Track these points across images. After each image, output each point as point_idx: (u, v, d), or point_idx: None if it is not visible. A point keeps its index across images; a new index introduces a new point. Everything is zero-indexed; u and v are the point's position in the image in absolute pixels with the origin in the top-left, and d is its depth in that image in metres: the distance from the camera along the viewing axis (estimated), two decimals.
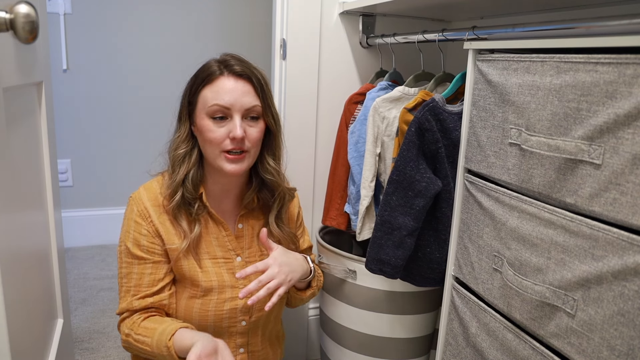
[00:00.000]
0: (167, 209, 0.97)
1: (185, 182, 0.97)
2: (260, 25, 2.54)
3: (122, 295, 0.99)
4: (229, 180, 1.01)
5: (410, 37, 1.23)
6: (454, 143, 1.03)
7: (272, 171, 1.02)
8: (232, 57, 0.97)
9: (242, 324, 1.04)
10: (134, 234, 0.97)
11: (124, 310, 0.98)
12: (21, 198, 0.81)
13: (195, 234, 0.98)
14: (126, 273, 0.98)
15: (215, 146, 0.93)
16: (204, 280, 0.99)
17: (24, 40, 0.63)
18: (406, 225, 1.05)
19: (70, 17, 2.27)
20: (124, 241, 0.98)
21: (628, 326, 0.62)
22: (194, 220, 0.99)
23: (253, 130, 0.95)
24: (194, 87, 0.96)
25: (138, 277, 0.98)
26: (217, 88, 0.93)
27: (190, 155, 0.98)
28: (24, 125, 0.86)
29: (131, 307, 0.97)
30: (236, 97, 0.92)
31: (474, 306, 0.92)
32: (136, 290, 0.98)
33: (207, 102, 0.93)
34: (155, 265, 0.98)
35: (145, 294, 0.97)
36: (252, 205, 1.06)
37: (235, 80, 0.93)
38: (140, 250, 0.97)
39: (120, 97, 2.43)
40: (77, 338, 1.69)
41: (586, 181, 0.67)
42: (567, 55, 0.69)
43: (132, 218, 0.98)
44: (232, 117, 0.92)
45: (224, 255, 1.02)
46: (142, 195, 0.99)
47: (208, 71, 0.94)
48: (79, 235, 2.45)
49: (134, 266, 0.98)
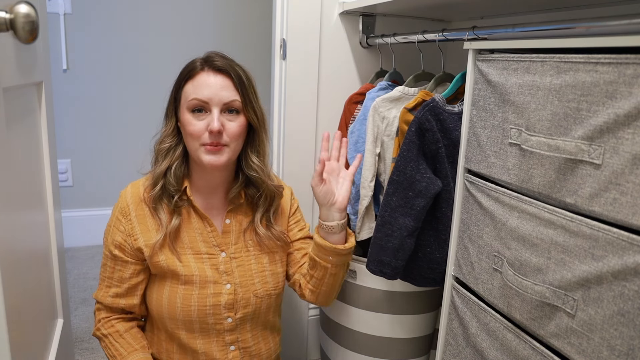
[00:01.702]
0: (147, 199, 1.00)
1: (167, 175, 0.99)
2: (260, 25, 2.54)
3: (100, 281, 1.05)
4: (213, 175, 1.02)
5: (410, 37, 1.23)
6: (454, 143, 1.03)
7: (256, 168, 1.03)
8: (216, 54, 0.99)
9: (228, 320, 1.03)
10: (113, 229, 1.02)
11: (98, 299, 1.05)
12: (21, 198, 0.81)
13: (173, 226, 0.99)
14: (103, 263, 1.04)
15: (195, 139, 0.96)
16: (184, 273, 1.00)
17: (24, 40, 0.63)
18: (406, 226, 1.05)
19: (70, 17, 2.27)
20: (105, 234, 1.04)
21: (628, 326, 0.62)
22: (173, 212, 1.00)
23: (232, 124, 0.96)
24: (178, 84, 1.00)
25: (110, 270, 1.03)
26: (197, 83, 0.96)
27: (175, 150, 1.01)
28: (24, 125, 0.86)
29: (105, 301, 1.03)
30: (215, 91, 0.94)
31: (474, 306, 0.92)
32: (109, 282, 1.03)
33: (188, 97, 0.96)
34: (123, 264, 1.01)
35: (115, 291, 1.02)
36: (239, 201, 1.06)
37: (214, 74, 0.96)
38: (114, 247, 1.01)
39: (120, 97, 2.43)
40: (77, 338, 1.69)
41: (586, 181, 0.67)
42: (567, 55, 0.69)
43: (115, 214, 1.03)
44: (210, 111, 0.95)
45: (208, 251, 1.03)
46: (127, 192, 1.03)
47: (190, 67, 0.98)
48: (79, 235, 2.45)
49: (108, 259, 1.03)
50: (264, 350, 1.11)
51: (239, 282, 1.03)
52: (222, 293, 1.02)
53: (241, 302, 1.04)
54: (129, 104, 2.45)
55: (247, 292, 1.04)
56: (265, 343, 1.12)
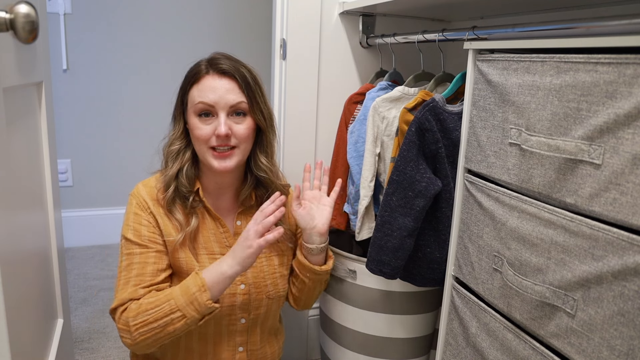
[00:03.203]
0: (161, 201, 0.99)
1: (179, 176, 0.99)
2: (260, 25, 2.54)
3: (120, 287, 0.94)
4: (222, 177, 1.03)
5: (410, 37, 1.23)
6: (454, 143, 1.03)
7: (265, 168, 1.04)
8: (222, 55, 0.99)
9: (242, 321, 1.04)
10: (133, 224, 0.98)
11: (126, 300, 0.92)
12: (21, 198, 0.81)
13: (193, 226, 0.99)
14: (126, 265, 0.95)
15: (203, 143, 0.96)
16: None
17: (24, 40, 0.63)
18: (406, 226, 1.05)
19: (70, 17, 2.27)
20: (124, 234, 0.99)
21: (628, 326, 0.62)
22: (190, 213, 1.00)
23: (240, 127, 0.97)
24: (184, 88, 1.00)
25: (141, 267, 0.94)
26: (202, 87, 0.96)
27: (184, 152, 1.01)
28: (24, 125, 0.86)
29: (135, 295, 0.92)
30: (220, 95, 0.95)
31: (474, 306, 0.92)
32: (139, 279, 0.93)
33: (194, 101, 0.96)
34: (158, 255, 0.97)
35: (150, 282, 0.94)
36: (250, 203, 1.07)
37: (219, 78, 0.96)
38: (142, 240, 0.97)
39: (120, 97, 2.43)
40: (77, 338, 1.69)
41: (586, 181, 0.67)
42: (567, 55, 0.69)
43: (132, 211, 0.99)
44: (217, 114, 0.95)
45: (222, 252, 1.03)
46: (140, 190, 1.02)
47: (195, 70, 0.98)
48: (79, 235, 2.45)
49: (135, 256, 0.95)
50: (268, 353, 1.12)
51: (252, 283, 1.04)
52: (237, 293, 1.02)
53: (254, 302, 1.05)
54: (129, 104, 2.45)
55: (260, 293, 1.05)
56: (271, 347, 1.13)
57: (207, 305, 0.89)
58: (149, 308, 0.89)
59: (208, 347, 1.03)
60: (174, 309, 0.88)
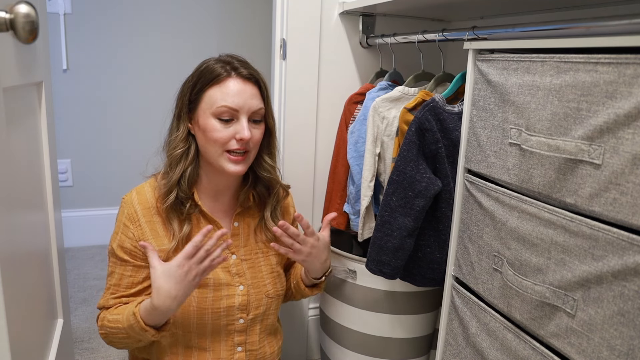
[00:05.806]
0: (160, 210, 0.99)
1: (181, 182, 0.98)
2: (260, 25, 2.54)
3: (105, 290, 1.03)
4: (226, 179, 1.02)
5: (410, 37, 1.23)
6: (454, 143, 1.03)
7: (269, 168, 1.05)
8: (236, 58, 0.98)
9: (240, 321, 1.04)
10: (120, 235, 1.00)
11: (101, 307, 1.02)
12: (21, 198, 0.81)
13: (184, 233, 0.99)
14: (110, 272, 1.02)
15: (219, 146, 0.95)
16: None
17: (24, 40, 0.63)
18: (406, 226, 1.05)
19: (70, 17, 2.27)
20: (112, 242, 1.02)
21: (628, 326, 0.62)
22: (184, 220, 1.00)
23: (256, 132, 0.98)
24: (197, 87, 0.97)
25: (118, 278, 1.00)
26: (226, 89, 0.94)
27: (187, 154, 1.00)
28: (24, 125, 0.86)
29: (107, 304, 1.00)
30: (245, 100, 0.94)
31: (474, 306, 0.92)
32: (115, 289, 1.00)
33: (214, 103, 0.94)
34: (135, 269, 1.00)
35: (122, 294, 1.00)
36: (248, 203, 1.07)
37: (243, 83, 0.95)
38: (124, 252, 0.99)
39: (120, 97, 2.43)
40: (77, 338, 1.69)
41: (586, 181, 0.67)
42: (567, 55, 0.69)
43: (122, 220, 1.00)
44: (238, 118, 0.95)
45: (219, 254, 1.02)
46: (133, 198, 1.01)
47: (214, 72, 0.95)
48: (79, 235, 2.45)
49: (117, 266, 1.01)
50: (268, 353, 1.12)
51: (251, 284, 1.05)
52: (236, 295, 1.02)
53: (254, 303, 1.05)
54: (129, 104, 2.45)
55: (259, 293, 1.05)
56: (270, 347, 1.13)
57: (147, 332, 0.91)
58: (110, 322, 0.97)
59: (207, 347, 1.03)
60: (123, 330, 0.94)
